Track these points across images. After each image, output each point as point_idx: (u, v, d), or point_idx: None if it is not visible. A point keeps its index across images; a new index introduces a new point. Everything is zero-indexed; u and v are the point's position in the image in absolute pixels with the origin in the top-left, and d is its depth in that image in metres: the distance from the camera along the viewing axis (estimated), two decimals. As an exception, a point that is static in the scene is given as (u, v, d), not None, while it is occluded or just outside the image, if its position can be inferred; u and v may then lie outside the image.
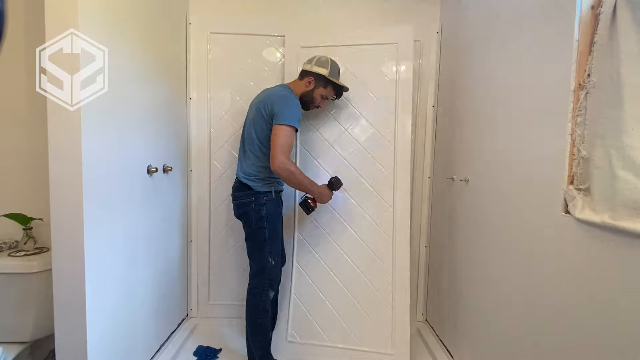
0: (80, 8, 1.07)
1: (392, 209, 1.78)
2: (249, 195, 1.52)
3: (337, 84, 1.62)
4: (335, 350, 1.70)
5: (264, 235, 1.52)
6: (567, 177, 0.96)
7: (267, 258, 1.53)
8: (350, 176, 1.80)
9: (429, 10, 1.97)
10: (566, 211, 0.96)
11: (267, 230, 1.52)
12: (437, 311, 1.93)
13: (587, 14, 0.92)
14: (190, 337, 1.86)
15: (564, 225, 0.96)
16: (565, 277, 0.96)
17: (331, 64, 1.60)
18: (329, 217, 1.83)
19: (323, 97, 1.63)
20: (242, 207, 1.55)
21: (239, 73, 1.96)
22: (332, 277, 1.78)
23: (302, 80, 1.61)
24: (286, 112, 1.45)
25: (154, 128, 1.58)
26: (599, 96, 0.88)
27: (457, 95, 1.73)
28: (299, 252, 1.85)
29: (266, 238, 1.52)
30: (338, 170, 1.81)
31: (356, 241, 1.79)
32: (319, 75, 1.58)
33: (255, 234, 1.53)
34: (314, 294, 1.77)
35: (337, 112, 1.86)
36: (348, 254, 1.79)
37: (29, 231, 1.49)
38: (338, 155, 1.84)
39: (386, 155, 1.80)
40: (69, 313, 1.14)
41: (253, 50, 1.95)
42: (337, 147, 1.84)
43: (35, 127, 1.49)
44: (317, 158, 1.86)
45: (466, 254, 1.57)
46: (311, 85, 1.59)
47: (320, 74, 1.58)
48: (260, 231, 1.52)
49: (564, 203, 0.97)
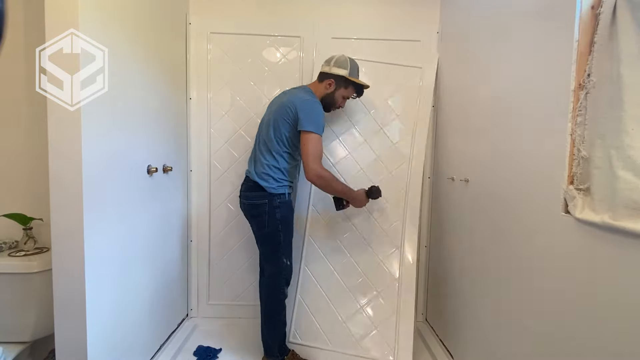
0: (80, 8, 1.07)
1: (401, 222, 1.80)
2: (262, 196, 1.50)
3: (358, 83, 1.59)
4: (336, 355, 1.68)
5: (278, 237, 1.53)
6: (567, 177, 0.96)
7: (282, 259, 1.55)
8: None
9: (429, 10, 1.97)
10: (566, 211, 0.96)
11: (281, 233, 1.53)
12: (437, 311, 1.93)
13: (587, 13, 0.92)
14: (190, 337, 1.86)
15: (564, 225, 0.96)
16: (565, 277, 0.96)
17: (350, 63, 1.56)
18: (340, 224, 1.84)
19: (344, 98, 1.61)
20: (255, 208, 1.53)
21: (239, 73, 1.96)
22: (339, 281, 1.78)
23: (321, 83, 1.58)
24: (313, 119, 1.44)
25: (154, 128, 1.58)
26: (599, 96, 0.88)
27: (457, 95, 1.73)
28: (308, 254, 1.84)
29: (281, 241, 1.53)
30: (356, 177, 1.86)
31: (364, 247, 1.81)
32: (339, 77, 1.55)
33: (269, 237, 1.54)
34: (320, 297, 1.77)
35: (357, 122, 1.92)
36: (356, 260, 1.80)
37: (29, 231, 1.49)
38: (356, 165, 1.89)
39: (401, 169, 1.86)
40: (69, 313, 1.14)
41: (253, 50, 1.95)
42: (356, 155, 1.90)
43: (35, 127, 1.49)
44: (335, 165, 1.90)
45: (466, 254, 1.57)
46: (332, 87, 1.56)
47: (340, 75, 1.55)
48: (275, 234, 1.52)
49: (564, 203, 0.97)
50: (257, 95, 1.97)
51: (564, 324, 0.96)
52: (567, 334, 0.94)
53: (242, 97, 1.96)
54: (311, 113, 1.46)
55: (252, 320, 2.00)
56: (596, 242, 0.85)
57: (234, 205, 2.01)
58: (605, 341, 0.83)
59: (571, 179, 0.95)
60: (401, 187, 1.84)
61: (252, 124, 1.97)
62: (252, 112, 1.97)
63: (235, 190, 1.99)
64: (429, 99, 1.90)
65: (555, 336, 0.99)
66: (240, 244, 2.02)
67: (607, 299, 0.82)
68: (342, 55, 1.59)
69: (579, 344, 0.90)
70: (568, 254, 0.95)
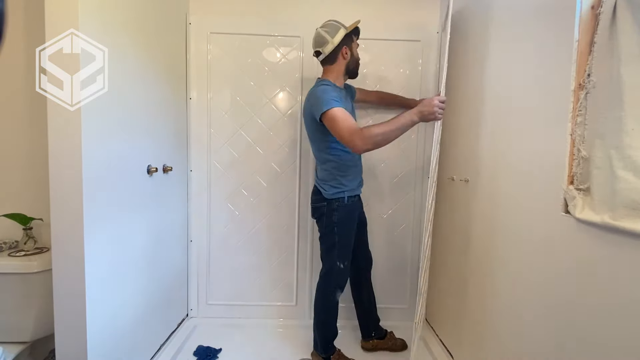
0: (80, 8, 1.07)
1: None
2: (321, 199, 1.58)
3: (353, 30, 1.55)
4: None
5: (333, 239, 1.57)
6: (567, 177, 0.96)
7: (336, 262, 1.58)
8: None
9: (429, 10, 1.97)
10: (566, 211, 0.96)
11: (336, 235, 1.56)
12: (437, 311, 1.93)
13: (587, 13, 0.92)
14: (190, 337, 1.86)
15: (564, 225, 0.96)
16: (565, 277, 0.96)
17: (337, 22, 1.53)
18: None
19: (357, 47, 1.60)
20: (316, 210, 1.63)
21: (239, 73, 1.96)
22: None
23: (336, 62, 1.53)
24: (319, 101, 1.40)
25: (154, 128, 1.58)
26: (599, 96, 0.88)
27: (457, 95, 1.73)
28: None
29: (335, 242, 1.57)
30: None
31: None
32: (343, 40, 1.51)
33: (326, 237, 1.60)
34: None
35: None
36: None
37: (29, 231, 1.49)
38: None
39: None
40: (69, 313, 1.14)
41: (253, 50, 1.95)
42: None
43: (35, 127, 1.49)
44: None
45: (466, 253, 1.57)
46: (348, 52, 1.53)
47: (343, 38, 1.50)
48: (331, 235, 1.57)
49: (564, 203, 0.97)
50: (257, 95, 1.96)
51: (564, 324, 0.95)
52: (567, 334, 0.94)
53: (242, 97, 1.96)
54: (315, 99, 1.44)
55: (252, 320, 2.01)
56: (596, 242, 0.85)
57: (234, 205, 2.01)
58: (606, 341, 0.83)
59: (571, 179, 0.95)
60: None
61: (252, 124, 1.97)
62: (252, 112, 1.97)
63: (235, 190, 2.00)
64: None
65: (555, 335, 0.99)
66: (241, 244, 2.02)
67: (607, 299, 0.82)
68: (325, 25, 1.54)
69: (579, 344, 0.90)
70: (568, 254, 0.95)
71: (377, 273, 1.93)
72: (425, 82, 1.99)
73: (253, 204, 2.01)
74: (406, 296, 2.08)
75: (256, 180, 2.00)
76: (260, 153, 1.99)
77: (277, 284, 2.05)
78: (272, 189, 2.00)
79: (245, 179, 2.00)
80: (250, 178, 2.00)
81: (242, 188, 2.00)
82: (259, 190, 2.00)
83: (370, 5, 1.97)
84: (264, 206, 2.01)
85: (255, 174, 2.00)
